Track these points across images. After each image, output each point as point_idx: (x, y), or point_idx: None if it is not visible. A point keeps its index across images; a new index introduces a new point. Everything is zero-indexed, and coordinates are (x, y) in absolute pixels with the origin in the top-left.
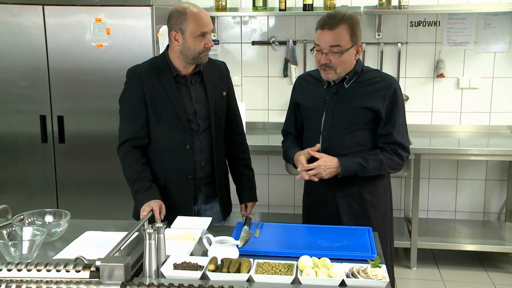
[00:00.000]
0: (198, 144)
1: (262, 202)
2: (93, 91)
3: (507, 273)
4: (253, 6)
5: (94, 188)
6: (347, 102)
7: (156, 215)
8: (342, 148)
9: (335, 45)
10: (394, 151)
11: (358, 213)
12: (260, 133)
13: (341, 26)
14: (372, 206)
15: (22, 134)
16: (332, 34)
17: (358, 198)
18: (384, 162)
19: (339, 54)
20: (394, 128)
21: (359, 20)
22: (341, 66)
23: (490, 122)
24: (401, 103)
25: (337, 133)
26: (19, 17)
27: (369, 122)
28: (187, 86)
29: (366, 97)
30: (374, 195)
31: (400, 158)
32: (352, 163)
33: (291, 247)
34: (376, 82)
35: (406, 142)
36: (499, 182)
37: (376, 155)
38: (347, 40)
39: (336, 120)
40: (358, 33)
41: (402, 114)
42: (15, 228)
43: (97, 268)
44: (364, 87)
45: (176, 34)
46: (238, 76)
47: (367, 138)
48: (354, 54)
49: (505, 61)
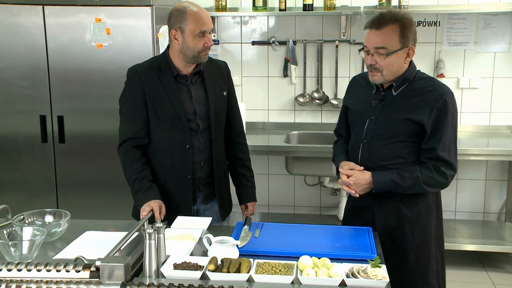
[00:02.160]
0: (197, 144)
1: (262, 202)
2: (93, 91)
3: (507, 273)
4: (253, 6)
5: (94, 188)
6: (392, 111)
7: (156, 215)
8: (381, 159)
9: (381, 47)
10: (436, 168)
11: (394, 227)
12: (260, 133)
13: (389, 26)
14: (409, 222)
15: (22, 134)
16: (378, 34)
17: (396, 212)
18: (422, 181)
19: (384, 56)
20: (439, 143)
21: (413, 21)
22: (388, 69)
23: (490, 122)
24: (451, 117)
25: (377, 142)
26: (19, 17)
27: (412, 135)
28: (187, 86)
29: (412, 107)
30: (413, 211)
31: (442, 177)
32: (386, 179)
33: (291, 247)
34: (426, 92)
35: (453, 159)
36: (499, 182)
37: (414, 173)
38: (395, 42)
39: (378, 129)
40: (409, 35)
41: (451, 129)
42: (15, 228)
43: (97, 268)
44: (413, 97)
45: (175, 33)
46: (238, 76)
47: (409, 152)
48: (404, 57)
49: (505, 61)
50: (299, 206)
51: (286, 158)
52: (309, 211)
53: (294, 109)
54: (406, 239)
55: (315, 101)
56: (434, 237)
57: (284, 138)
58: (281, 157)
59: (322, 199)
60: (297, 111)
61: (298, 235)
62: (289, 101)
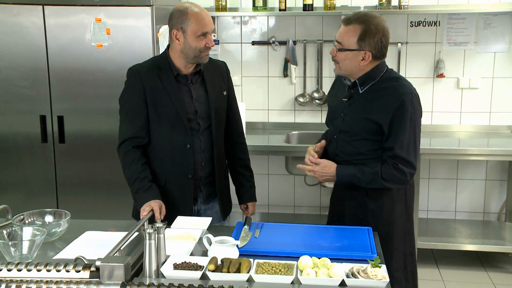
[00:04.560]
0: (198, 144)
1: (262, 202)
2: (93, 91)
3: (507, 273)
4: (253, 6)
5: (94, 188)
6: (356, 110)
7: (156, 215)
8: (346, 154)
9: (339, 41)
10: (394, 165)
11: (360, 219)
12: (260, 133)
13: (353, 25)
14: (373, 214)
15: (22, 134)
16: (342, 29)
17: (362, 204)
18: (380, 176)
19: (338, 50)
20: (396, 142)
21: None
22: (342, 63)
23: (490, 122)
24: (410, 117)
25: (343, 139)
26: (19, 17)
27: (372, 134)
28: (187, 86)
29: (372, 108)
30: (377, 205)
31: (401, 173)
32: (348, 173)
33: (291, 247)
34: (387, 94)
35: (411, 157)
36: (499, 182)
37: (374, 168)
38: (352, 41)
39: (344, 126)
40: (368, 40)
41: (409, 128)
42: (15, 228)
43: (97, 268)
44: (375, 97)
45: (177, 33)
46: (238, 76)
47: (370, 149)
48: (360, 59)
49: (505, 61)
50: (299, 206)
51: (286, 158)
52: (309, 211)
53: (294, 109)
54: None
55: (315, 101)
56: (401, 233)
57: (284, 138)
58: (281, 157)
59: (322, 199)
60: (297, 111)
61: (298, 235)
62: (289, 101)
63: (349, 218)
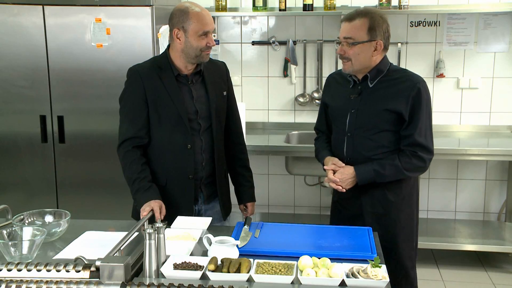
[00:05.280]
0: (199, 144)
1: (262, 202)
2: (93, 91)
3: (507, 273)
4: (253, 6)
5: (94, 188)
6: (370, 103)
7: (156, 215)
8: (365, 150)
9: (348, 37)
10: (413, 153)
11: (382, 214)
12: (260, 133)
13: (358, 19)
14: (396, 208)
15: (22, 134)
16: (348, 25)
17: (382, 199)
18: (402, 167)
19: (350, 45)
20: (416, 129)
21: (384, 18)
22: (355, 58)
23: (490, 122)
24: (426, 104)
25: (361, 134)
26: (19, 17)
27: (392, 124)
28: (188, 86)
29: (389, 98)
30: (398, 197)
31: (420, 161)
32: (367, 170)
33: (291, 247)
34: (401, 83)
35: (429, 143)
36: (499, 182)
37: (393, 160)
38: (363, 34)
39: (359, 122)
40: (377, 29)
41: (426, 115)
42: (15, 228)
43: (97, 268)
44: (388, 88)
45: (178, 32)
46: (238, 76)
47: (391, 140)
48: (372, 50)
49: (505, 61)
50: (299, 206)
51: (286, 158)
52: (309, 211)
53: (294, 109)
54: (393, 224)
55: (315, 101)
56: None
57: (284, 138)
58: (281, 157)
59: (322, 199)
60: (297, 111)
61: (298, 235)
62: (289, 101)
63: (369, 215)
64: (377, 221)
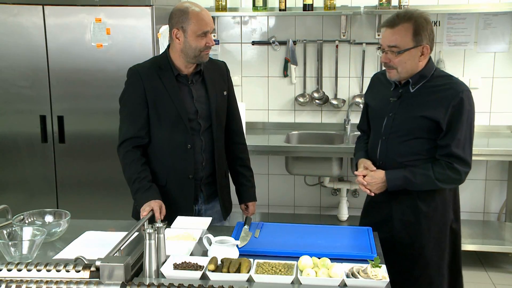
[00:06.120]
0: (199, 144)
1: (262, 202)
2: (93, 91)
3: (507, 273)
4: (253, 6)
5: (94, 188)
6: (409, 109)
7: (157, 215)
8: (398, 156)
9: (393, 45)
10: (448, 164)
11: (412, 222)
12: (260, 133)
13: (402, 25)
14: (426, 217)
15: (22, 134)
16: (391, 32)
17: (413, 208)
18: (434, 177)
19: (396, 54)
20: (454, 140)
21: (428, 20)
22: (401, 66)
23: (490, 122)
24: (467, 115)
25: (395, 139)
26: (19, 17)
27: (428, 132)
28: (188, 86)
29: (428, 105)
30: (429, 207)
31: (455, 173)
32: (398, 176)
33: (291, 247)
34: (443, 90)
35: (467, 156)
36: (499, 182)
37: (426, 170)
38: (408, 40)
39: (395, 126)
40: (423, 34)
41: (466, 126)
42: (15, 228)
43: (97, 268)
44: (430, 94)
45: (177, 32)
46: (238, 76)
47: (426, 149)
48: (418, 55)
49: (505, 61)
50: (299, 206)
51: (286, 158)
52: (309, 211)
53: (294, 109)
54: (422, 234)
55: (315, 101)
56: (450, 232)
57: (284, 138)
58: (281, 157)
59: (322, 199)
60: (297, 111)
61: (298, 235)
62: (289, 101)
63: (398, 222)
64: (406, 229)
